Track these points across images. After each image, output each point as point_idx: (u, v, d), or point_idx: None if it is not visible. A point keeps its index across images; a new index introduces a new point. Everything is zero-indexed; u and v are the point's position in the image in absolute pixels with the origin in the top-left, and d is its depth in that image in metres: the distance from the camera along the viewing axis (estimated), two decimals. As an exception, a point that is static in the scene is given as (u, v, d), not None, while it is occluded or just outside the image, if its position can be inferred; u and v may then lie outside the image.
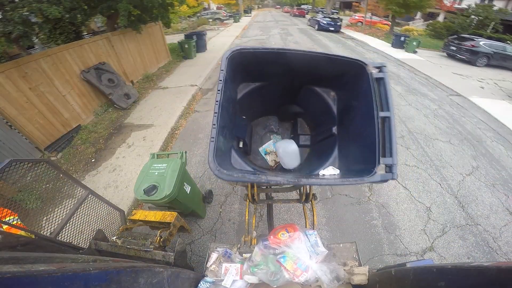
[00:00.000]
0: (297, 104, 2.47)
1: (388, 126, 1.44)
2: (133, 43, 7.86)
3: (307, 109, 2.43)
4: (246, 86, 2.18)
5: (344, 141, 1.97)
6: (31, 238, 1.67)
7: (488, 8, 18.34)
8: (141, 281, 0.89)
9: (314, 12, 34.57)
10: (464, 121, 6.09)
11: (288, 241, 1.44)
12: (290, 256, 1.38)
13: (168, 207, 2.66)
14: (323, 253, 1.48)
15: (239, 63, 1.76)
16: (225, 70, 1.58)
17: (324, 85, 2.14)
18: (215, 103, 1.50)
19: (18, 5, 4.06)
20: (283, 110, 2.60)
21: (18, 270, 0.56)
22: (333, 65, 1.78)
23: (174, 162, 2.66)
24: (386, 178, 1.29)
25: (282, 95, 2.36)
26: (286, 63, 1.85)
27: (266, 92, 2.27)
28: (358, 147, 1.68)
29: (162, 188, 2.42)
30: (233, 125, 2.02)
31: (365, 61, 1.61)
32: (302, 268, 1.33)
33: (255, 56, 1.78)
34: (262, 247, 1.47)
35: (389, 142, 1.40)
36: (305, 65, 1.86)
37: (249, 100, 2.25)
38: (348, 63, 1.68)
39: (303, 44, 14.67)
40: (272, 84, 2.21)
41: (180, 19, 23.34)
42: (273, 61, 1.87)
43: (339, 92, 2.11)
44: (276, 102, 2.50)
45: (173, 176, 2.52)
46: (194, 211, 3.08)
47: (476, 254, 3.01)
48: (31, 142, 4.34)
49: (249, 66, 1.89)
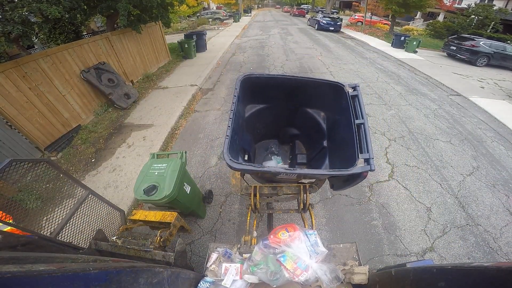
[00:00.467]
0: (294, 126, 2.87)
1: (362, 130, 1.76)
2: (133, 43, 7.86)
3: (302, 130, 2.82)
4: (252, 107, 2.61)
5: (332, 150, 2.35)
6: (31, 238, 1.67)
7: (488, 7, 18.32)
8: (141, 281, 0.89)
9: (314, 12, 34.54)
10: (464, 121, 6.08)
11: (288, 241, 1.44)
12: (290, 255, 1.38)
13: (168, 207, 2.66)
14: (323, 253, 1.48)
15: (248, 87, 2.18)
16: (239, 89, 1.99)
17: (315, 107, 2.55)
18: (230, 110, 1.90)
19: (18, 5, 4.06)
20: (282, 133, 2.99)
21: (18, 270, 0.56)
22: (320, 87, 2.24)
23: (174, 162, 2.65)
24: (365, 169, 1.58)
25: (282, 116, 2.74)
26: (284, 86, 2.33)
27: (269, 114, 2.66)
28: (342, 151, 2.01)
29: (162, 188, 2.42)
30: (241, 138, 2.36)
31: (343, 83, 2.07)
32: (302, 268, 1.33)
33: (260, 81, 2.24)
34: (262, 246, 1.47)
35: (364, 142, 1.70)
36: (299, 88, 2.31)
37: (254, 120, 2.65)
38: (331, 85, 2.14)
39: (302, 44, 14.67)
40: (273, 107, 2.61)
41: (180, 19, 23.34)
42: (273, 85, 2.32)
43: (327, 112, 2.53)
44: (276, 124, 2.88)
45: (173, 176, 2.52)
46: (194, 211, 3.08)
47: (476, 255, 3.01)
48: (31, 142, 4.34)
49: (255, 89, 2.31)
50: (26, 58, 4.40)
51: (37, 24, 5.08)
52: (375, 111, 6.29)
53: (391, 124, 5.73)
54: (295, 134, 2.90)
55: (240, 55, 11.98)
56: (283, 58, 11.31)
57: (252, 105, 2.59)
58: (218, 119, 5.90)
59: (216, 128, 5.54)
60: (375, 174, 4.20)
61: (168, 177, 2.50)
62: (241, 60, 11.04)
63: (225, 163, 1.56)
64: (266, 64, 10.33)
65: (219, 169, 4.29)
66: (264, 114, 2.65)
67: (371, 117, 6.00)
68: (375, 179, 4.09)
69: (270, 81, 2.29)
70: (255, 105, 2.59)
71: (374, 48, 14.21)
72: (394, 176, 4.16)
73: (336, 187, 2.18)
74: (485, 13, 18.07)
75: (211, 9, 35.27)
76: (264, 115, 2.65)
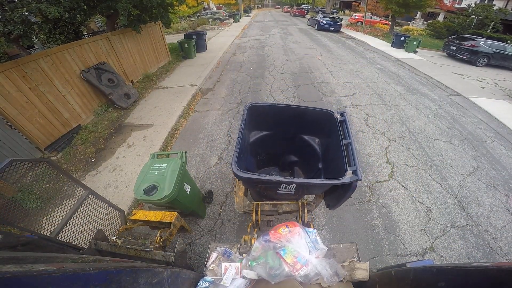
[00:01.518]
0: (293, 153, 3.17)
1: (350, 148, 2.08)
2: (133, 43, 7.86)
3: (300, 156, 3.13)
4: (256, 134, 2.96)
5: (326, 170, 2.66)
6: (31, 238, 1.67)
7: (488, 7, 18.31)
8: (141, 281, 0.89)
9: (314, 12, 34.55)
10: (464, 121, 6.08)
11: (288, 236, 1.45)
12: (290, 249, 1.38)
13: (168, 207, 2.65)
14: (323, 249, 1.47)
15: (253, 113, 2.59)
16: (246, 115, 2.40)
17: (311, 133, 2.89)
18: (238, 131, 2.22)
19: (18, 5, 4.06)
20: (282, 161, 3.29)
21: (18, 270, 0.56)
22: (313, 114, 2.64)
23: (174, 162, 2.65)
24: (353, 179, 1.81)
25: (281, 144, 3.05)
26: (284, 114, 2.73)
27: (270, 141, 2.99)
28: (334, 168, 2.29)
29: (162, 188, 2.41)
30: (245, 159, 2.64)
31: (332, 110, 2.52)
32: (302, 262, 1.33)
33: (264, 109, 2.68)
34: (263, 241, 1.47)
35: (352, 157, 1.99)
36: (296, 116, 2.71)
37: (257, 146, 2.98)
38: (322, 112, 2.58)
39: (303, 44, 14.67)
40: (274, 135, 2.95)
41: (180, 19, 23.34)
42: (275, 113, 2.73)
43: (320, 137, 2.87)
44: (277, 152, 3.18)
45: (173, 176, 2.51)
46: (194, 211, 3.07)
47: (476, 255, 3.01)
48: (31, 142, 4.34)
49: (259, 117, 2.70)
50: (26, 58, 4.40)
51: (37, 24, 5.09)
52: (375, 111, 6.29)
53: (391, 124, 5.73)
54: (293, 161, 3.23)
55: (240, 55, 11.98)
56: (283, 58, 11.31)
57: (256, 132, 2.95)
58: (218, 119, 5.90)
59: (216, 128, 5.54)
60: (375, 174, 4.20)
61: (168, 177, 2.50)
62: (241, 60, 11.04)
63: (233, 172, 1.81)
64: (266, 64, 10.33)
65: (219, 169, 4.29)
66: (267, 142, 2.99)
67: (371, 117, 6.00)
68: (375, 179, 4.09)
69: (272, 110, 2.72)
70: (259, 131, 2.95)
71: (374, 48, 14.21)
72: (394, 176, 4.16)
73: (332, 205, 2.41)
74: (485, 13, 18.06)
75: (211, 9, 35.28)
76: (266, 142, 2.99)
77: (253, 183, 2.10)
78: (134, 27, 7.14)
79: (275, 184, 1.91)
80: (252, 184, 2.18)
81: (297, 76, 8.83)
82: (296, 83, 8.15)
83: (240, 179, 1.95)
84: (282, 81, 8.34)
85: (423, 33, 20.81)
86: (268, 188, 2.16)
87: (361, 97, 7.16)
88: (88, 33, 10.97)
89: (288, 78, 8.63)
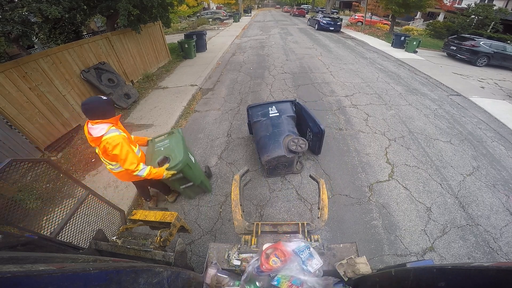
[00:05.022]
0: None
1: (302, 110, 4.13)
2: (133, 43, 7.86)
3: None
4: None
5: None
6: (31, 238, 1.67)
7: (488, 7, 18.30)
8: (141, 281, 0.89)
9: (314, 12, 34.55)
10: (464, 121, 6.08)
11: (279, 265, 1.45)
12: (283, 276, 1.40)
13: (182, 178, 2.88)
14: (318, 265, 1.47)
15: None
16: None
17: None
18: None
19: (18, 5, 4.06)
20: None
21: (18, 270, 0.56)
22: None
23: (175, 137, 2.97)
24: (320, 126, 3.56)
25: None
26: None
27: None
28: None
29: (174, 156, 2.67)
30: None
31: (292, 99, 4.49)
32: (297, 283, 1.35)
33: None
34: (255, 272, 1.47)
35: (312, 119, 3.95)
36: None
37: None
38: (286, 101, 4.48)
39: (303, 44, 14.67)
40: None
41: (180, 19, 23.35)
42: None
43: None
44: None
45: (180, 145, 2.82)
46: (203, 183, 3.33)
47: (476, 255, 3.01)
48: (31, 141, 4.34)
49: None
50: (26, 58, 4.40)
51: (37, 24, 5.08)
52: (375, 111, 6.29)
53: (391, 124, 5.73)
54: None
55: (240, 55, 11.98)
56: (283, 58, 11.31)
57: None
58: (218, 119, 5.90)
59: (216, 128, 5.54)
60: (375, 174, 4.20)
61: (176, 147, 2.78)
62: (241, 60, 11.04)
63: None
64: (266, 64, 10.33)
65: (219, 169, 4.29)
66: None
67: (371, 117, 6.00)
68: (375, 179, 4.09)
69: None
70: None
71: (374, 48, 14.20)
72: (394, 176, 4.16)
73: (317, 152, 4.36)
74: (485, 13, 18.06)
75: (211, 9, 35.28)
76: None
77: None
78: (134, 27, 7.14)
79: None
80: None
81: (297, 76, 8.83)
82: (296, 83, 8.15)
83: None
84: (282, 81, 8.34)
85: (423, 33, 20.81)
86: None
87: (361, 97, 7.16)
88: (88, 33, 10.98)
89: (288, 78, 8.63)
